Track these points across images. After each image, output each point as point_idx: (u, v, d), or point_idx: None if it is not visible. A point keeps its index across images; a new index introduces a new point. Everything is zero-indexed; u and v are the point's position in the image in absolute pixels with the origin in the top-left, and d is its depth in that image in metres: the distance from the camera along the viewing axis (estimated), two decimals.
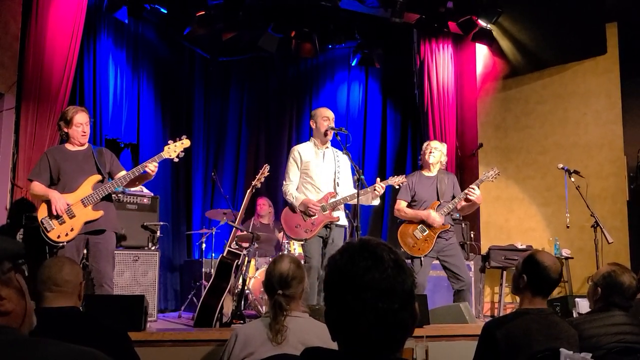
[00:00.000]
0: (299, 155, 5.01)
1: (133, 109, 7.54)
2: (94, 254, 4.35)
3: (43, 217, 4.27)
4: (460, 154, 8.03)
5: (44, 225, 4.26)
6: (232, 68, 9.10)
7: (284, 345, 2.45)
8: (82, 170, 4.48)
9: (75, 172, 4.45)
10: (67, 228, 4.30)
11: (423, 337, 2.91)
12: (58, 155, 4.47)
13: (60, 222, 4.29)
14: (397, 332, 1.24)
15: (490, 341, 2.56)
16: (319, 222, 4.84)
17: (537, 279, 2.64)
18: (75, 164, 4.49)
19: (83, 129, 4.51)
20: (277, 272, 2.63)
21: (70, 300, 2.39)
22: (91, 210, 4.37)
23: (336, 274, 1.28)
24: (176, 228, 7.97)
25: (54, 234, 4.26)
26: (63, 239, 4.29)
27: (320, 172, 5.01)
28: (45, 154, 4.52)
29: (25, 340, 1.27)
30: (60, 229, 4.28)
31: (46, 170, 4.41)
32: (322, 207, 4.86)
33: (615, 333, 2.69)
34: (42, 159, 4.48)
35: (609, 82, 7.34)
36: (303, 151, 5.04)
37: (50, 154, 4.49)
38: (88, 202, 4.34)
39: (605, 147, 7.32)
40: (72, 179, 4.41)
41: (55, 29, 5.59)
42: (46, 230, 4.25)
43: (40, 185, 4.38)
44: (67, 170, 4.43)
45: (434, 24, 7.54)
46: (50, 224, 4.27)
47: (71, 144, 4.54)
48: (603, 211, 6.72)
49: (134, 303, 3.48)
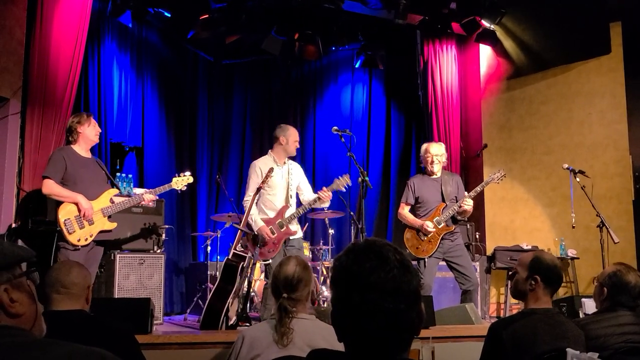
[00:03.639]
0: (260, 171, 5.13)
1: (137, 113, 7.55)
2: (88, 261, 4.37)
3: (66, 219, 4.32)
4: (464, 155, 8.02)
5: (66, 227, 4.30)
6: (235, 71, 9.13)
7: (290, 348, 2.44)
8: (97, 179, 4.63)
9: (92, 180, 4.56)
10: (87, 233, 4.41)
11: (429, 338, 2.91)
12: (72, 158, 4.49)
13: (81, 226, 4.37)
14: (404, 333, 1.24)
15: (496, 342, 2.56)
16: (280, 240, 5.02)
17: (550, 278, 2.64)
18: (92, 172, 4.59)
19: (97, 129, 4.68)
20: (282, 275, 2.62)
21: (77, 304, 2.40)
22: (107, 221, 4.57)
23: (342, 274, 1.27)
24: (181, 231, 7.98)
25: (74, 237, 4.34)
26: (82, 243, 4.39)
27: (276, 186, 5.18)
28: (60, 154, 4.49)
29: (36, 341, 1.31)
30: (80, 233, 4.37)
31: (62, 170, 4.43)
32: (279, 224, 5.01)
33: (622, 333, 2.68)
34: (58, 158, 4.45)
35: (613, 82, 7.32)
36: (263, 166, 5.16)
37: (66, 155, 4.48)
38: (107, 212, 4.54)
39: (610, 147, 7.29)
40: (91, 187, 4.51)
41: (60, 34, 5.61)
42: (67, 232, 4.30)
43: (60, 186, 4.39)
44: (85, 178, 4.50)
45: (437, 25, 7.52)
46: (73, 227, 4.33)
47: (80, 146, 4.57)
48: (609, 211, 6.70)
49: (140, 306, 3.48)
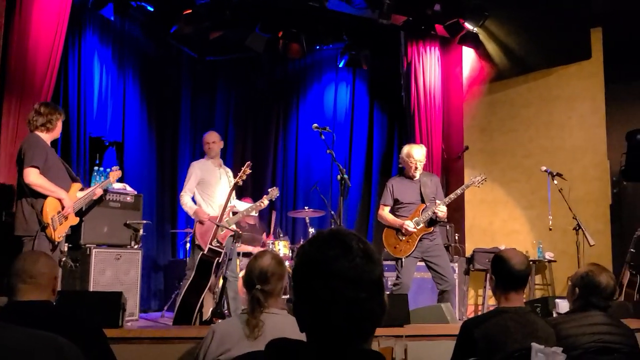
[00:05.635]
0: (198, 171, 5.42)
1: (118, 107, 7.48)
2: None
3: (53, 215, 4.23)
4: (446, 157, 8.04)
5: (53, 223, 4.21)
6: (219, 67, 9.08)
7: (260, 341, 2.42)
8: (63, 172, 4.48)
9: (61, 172, 4.42)
10: (64, 229, 4.36)
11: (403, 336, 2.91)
12: (47, 148, 4.33)
13: (61, 223, 4.31)
14: (365, 322, 1.23)
15: (468, 340, 2.57)
16: (223, 238, 5.11)
17: (502, 275, 2.67)
18: (59, 164, 4.46)
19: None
20: (257, 267, 2.61)
21: (44, 294, 2.36)
22: (74, 216, 4.48)
23: (305, 262, 1.26)
24: (161, 227, 7.92)
25: (58, 233, 4.27)
26: (60, 240, 4.33)
27: (216, 189, 5.42)
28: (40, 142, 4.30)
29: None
30: (60, 229, 4.31)
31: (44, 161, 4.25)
32: (227, 222, 5.14)
33: (592, 333, 2.69)
34: (41, 146, 4.27)
35: (593, 86, 7.39)
36: (201, 167, 5.46)
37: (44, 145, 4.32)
38: (76, 207, 4.47)
39: (589, 151, 7.36)
40: (61, 180, 4.38)
41: (39, 24, 5.51)
42: (53, 229, 4.21)
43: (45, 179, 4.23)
44: (55, 169, 4.35)
45: (421, 26, 7.54)
46: (57, 223, 4.26)
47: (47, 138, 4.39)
48: (587, 214, 6.75)
49: (112, 299, 3.43)
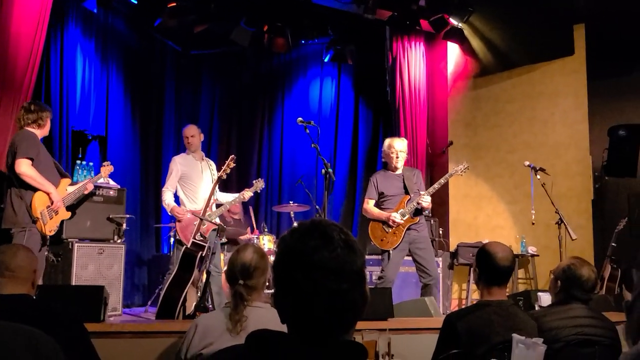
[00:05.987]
0: (180, 166, 5.43)
1: (102, 101, 7.39)
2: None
3: (42, 210, 4.23)
4: (430, 152, 8.08)
5: (42, 217, 4.21)
6: (204, 61, 9.03)
7: (243, 336, 2.40)
8: (52, 168, 4.48)
9: (50, 167, 4.42)
10: (55, 223, 4.36)
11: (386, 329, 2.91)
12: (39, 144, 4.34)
13: (51, 217, 4.31)
14: (346, 313, 1.22)
15: (451, 333, 2.58)
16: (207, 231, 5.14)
17: (486, 269, 2.68)
18: (49, 160, 4.45)
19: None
20: (239, 261, 2.58)
21: (23, 288, 2.34)
22: (65, 210, 4.49)
23: (285, 253, 1.25)
24: (144, 222, 7.86)
25: (48, 227, 4.27)
26: (51, 234, 4.33)
27: (199, 183, 5.45)
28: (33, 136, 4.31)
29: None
30: (50, 223, 4.31)
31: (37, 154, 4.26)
32: (209, 216, 5.15)
33: (574, 326, 2.72)
34: (35, 139, 4.30)
35: (576, 83, 7.45)
36: (182, 162, 5.47)
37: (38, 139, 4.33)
38: (67, 202, 4.48)
39: (572, 147, 7.42)
40: (50, 176, 4.37)
41: (20, 17, 5.43)
42: (43, 223, 4.22)
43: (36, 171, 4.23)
44: (45, 164, 4.36)
45: (406, 22, 7.55)
46: (47, 218, 4.26)
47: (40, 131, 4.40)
48: (569, 210, 6.82)
49: (93, 293, 3.40)
